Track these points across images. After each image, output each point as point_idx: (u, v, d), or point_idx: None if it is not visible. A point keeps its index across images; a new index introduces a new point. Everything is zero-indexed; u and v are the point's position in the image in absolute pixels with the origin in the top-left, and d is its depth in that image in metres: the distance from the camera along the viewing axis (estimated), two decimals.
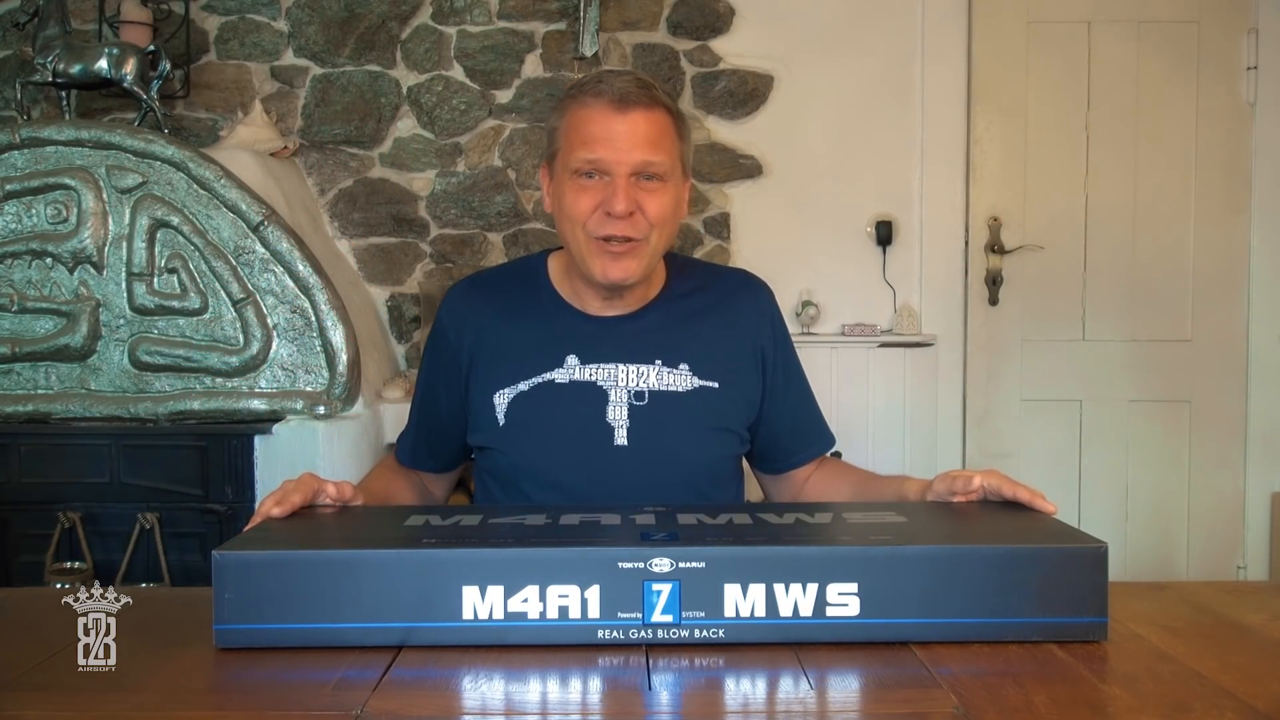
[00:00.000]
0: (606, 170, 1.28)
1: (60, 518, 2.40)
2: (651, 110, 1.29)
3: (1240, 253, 3.10)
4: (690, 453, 1.36)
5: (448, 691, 0.81)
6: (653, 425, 1.34)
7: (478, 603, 0.88)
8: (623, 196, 1.27)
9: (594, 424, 1.33)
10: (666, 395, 1.35)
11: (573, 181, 1.30)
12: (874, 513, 1.06)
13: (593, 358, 1.34)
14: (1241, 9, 3.06)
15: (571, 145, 1.30)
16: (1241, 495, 3.12)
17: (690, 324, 1.39)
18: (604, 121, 1.28)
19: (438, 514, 1.06)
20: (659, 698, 0.80)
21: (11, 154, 2.41)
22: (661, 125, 1.30)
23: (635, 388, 1.34)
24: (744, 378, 1.40)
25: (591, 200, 1.29)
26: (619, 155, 1.27)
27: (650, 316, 1.39)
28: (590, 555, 0.89)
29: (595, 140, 1.28)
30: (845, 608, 0.88)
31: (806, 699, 0.79)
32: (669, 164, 1.31)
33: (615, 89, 1.29)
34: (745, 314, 1.42)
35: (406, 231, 3.05)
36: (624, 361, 1.34)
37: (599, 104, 1.29)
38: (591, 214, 1.29)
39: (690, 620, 0.88)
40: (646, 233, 1.30)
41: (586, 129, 1.29)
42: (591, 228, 1.29)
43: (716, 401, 1.36)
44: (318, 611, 0.88)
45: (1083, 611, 0.89)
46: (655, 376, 1.34)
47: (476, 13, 3.01)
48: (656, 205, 1.29)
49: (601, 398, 1.34)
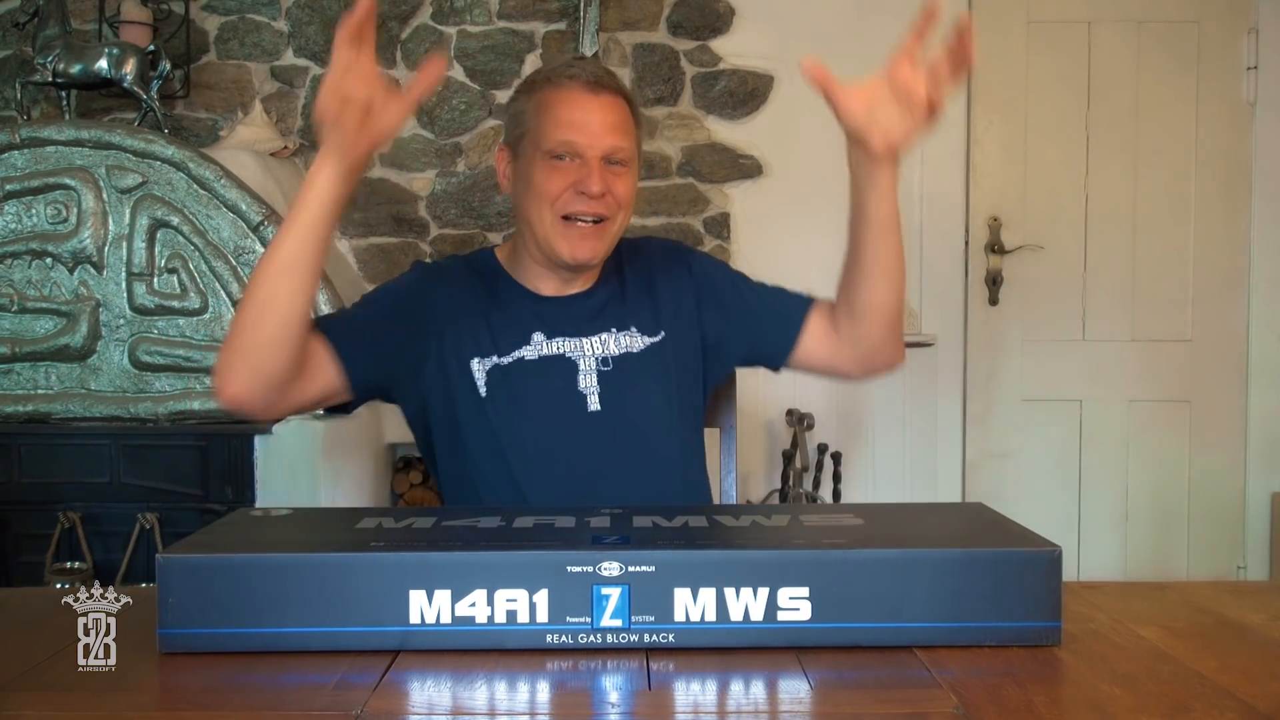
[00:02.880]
0: (579, 152, 1.34)
1: (60, 518, 2.40)
2: (617, 97, 1.37)
3: (1240, 253, 3.10)
4: (654, 407, 1.42)
5: (437, 692, 0.81)
6: (620, 388, 1.40)
7: (425, 607, 0.87)
8: (597, 177, 1.33)
9: (568, 394, 1.39)
10: (627, 357, 1.42)
11: (545, 162, 1.34)
12: (831, 515, 1.06)
13: (556, 333, 1.41)
14: (1241, 9, 3.06)
15: (544, 126, 1.34)
16: (1241, 495, 3.12)
17: (627, 292, 1.46)
18: (578, 104, 1.34)
19: (391, 516, 1.04)
20: (634, 700, 0.80)
21: (11, 154, 2.41)
22: (625, 113, 1.38)
23: (600, 354, 1.41)
24: (684, 321, 1.46)
25: (564, 180, 1.34)
26: (592, 139, 1.33)
27: (600, 292, 1.46)
28: (539, 559, 0.88)
29: (570, 123, 1.33)
30: (796, 612, 0.88)
31: (805, 699, 0.80)
32: (632, 150, 1.39)
33: (588, 73, 1.36)
34: (667, 268, 1.49)
35: (406, 231, 3.05)
36: (584, 335, 1.41)
37: (573, 86, 1.35)
38: (563, 193, 1.34)
39: (640, 625, 0.88)
40: (615, 213, 1.37)
41: (561, 111, 1.34)
42: (562, 206, 1.34)
43: (664, 353, 1.44)
44: (264, 616, 0.87)
45: (1036, 616, 0.89)
46: (614, 342, 1.42)
47: (476, 13, 3.01)
48: (624, 187, 1.37)
49: (571, 368, 1.40)
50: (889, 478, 3.06)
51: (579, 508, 1.08)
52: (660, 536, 0.95)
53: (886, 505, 1.18)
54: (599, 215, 1.35)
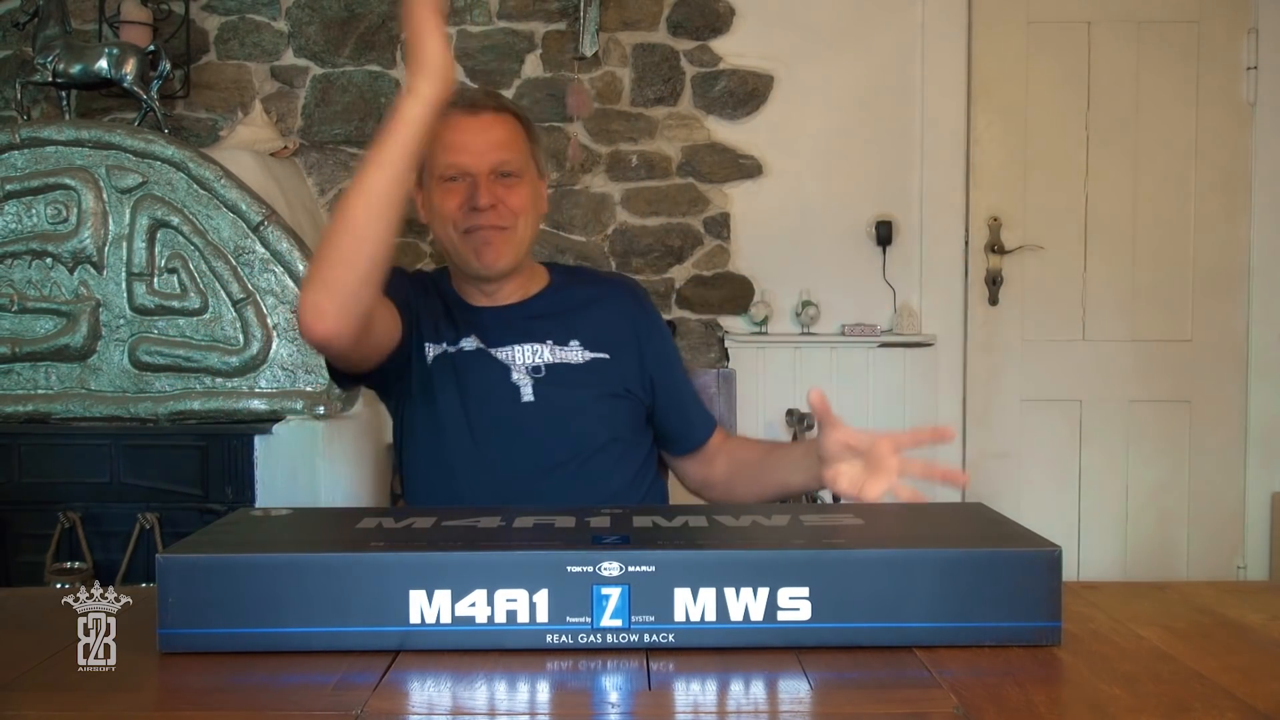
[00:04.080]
0: (468, 172, 1.43)
1: (60, 518, 2.40)
2: (500, 114, 1.46)
3: (1240, 253, 3.10)
4: (591, 403, 1.47)
5: (437, 692, 0.81)
6: (555, 387, 1.46)
7: (425, 607, 0.87)
8: (484, 191, 1.41)
9: (501, 385, 1.46)
10: (563, 366, 1.48)
11: (440, 186, 1.44)
12: (831, 515, 1.06)
13: (492, 342, 1.48)
14: (1241, 9, 3.06)
15: (434, 154, 1.42)
16: (1241, 495, 3.12)
17: (576, 310, 1.53)
18: (460, 127, 1.43)
19: (391, 516, 1.04)
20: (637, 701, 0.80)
21: (11, 154, 2.41)
22: (511, 128, 1.46)
23: (531, 363, 1.47)
24: (628, 353, 1.52)
25: (457, 199, 1.43)
26: (476, 158, 1.42)
27: (537, 305, 1.52)
28: (539, 559, 0.88)
29: (455, 146, 1.42)
30: (796, 612, 0.88)
31: (805, 699, 0.80)
32: (521, 161, 1.46)
33: (466, 99, 1.46)
34: (624, 304, 1.56)
35: (406, 231, 3.05)
36: (518, 343, 1.48)
37: (454, 112, 1.42)
38: (458, 210, 1.43)
39: (640, 625, 0.88)
40: (511, 222, 1.44)
41: (446, 136, 1.41)
42: (460, 222, 1.43)
43: (611, 369, 1.49)
44: (264, 616, 0.87)
45: (1036, 616, 0.89)
46: (549, 352, 1.48)
47: (476, 13, 3.01)
48: (516, 197, 1.44)
49: (504, 369, 1.47)
50: None
51: (578, 508, 1.09)
52: (660, 536, 0.95)
53: (886, 505, 1.18)
54: (494, 225, 1.43)
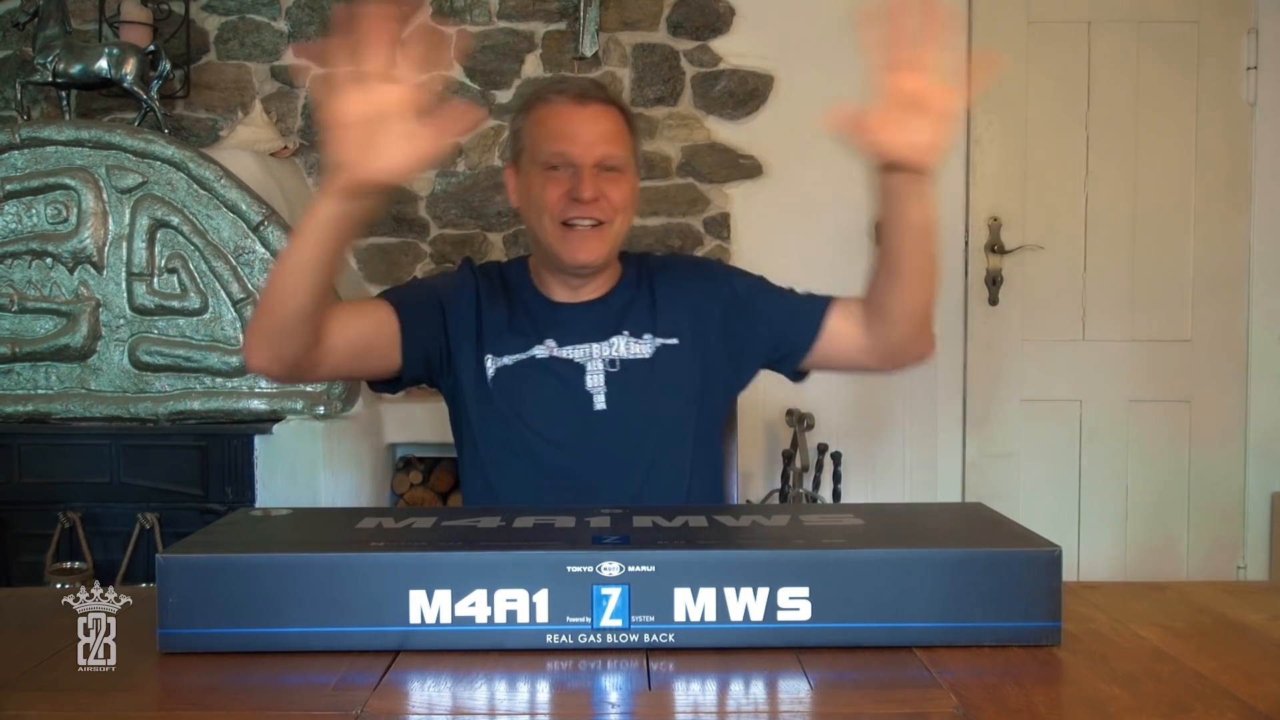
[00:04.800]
0: (572, 162, 1.41)
1: (60, 518, 2.40)
2: (608, 106, 1.45)
3: (1240, 253, 3.10)
4: (662, 410, 1.47)
5: (437, 692, 0.81)
6: (627, 389, 1.45)
7: (425, 607, 0.87)
8: (589, 183, 1.40)
9: (575, 392, 1.45)
10: (634, 362, 1.47)
11: (541, 173, 1.43)
12: (831, 515, 1.06)
13: (567, 340, 1.47)
14: (1241, 9, 3.06)
15: (538, 140, 1.44)
16: (1241, 495, 3.12)
17: (650, 295, 1.51)
18: (568, 116, 1.42)
19: (390, 516, 1.05)
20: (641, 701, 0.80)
21: (11, 154, 2.41)
22: (616, 121, 1.45)
23: (608, 356, 1.46)
24: (707, 329, 1.49)
25: (559, 188, 1.41)
26: (582, 149, 1.41)
27: (615, 300, 1.52)
28: (539, 559, 0.88)
29: (561, 135, 1.42)
30: (796, 612, 0.88)
31: (805, 699, 0.80)
32: (625, 156, 1.45)
33: (576, 86, 1.45)
34: (696, 279, 1.54)
35: (406, 231, 3.05)
36: (595, 340, 1.47)
37: (562, 100, 1.43)
38: (559, 200, 1.41)
39: (640, 625, 0.88)
40: (611, 216, 1.43)
41: (552, 124, 1.43)
42: (559, 213, 1.41)
43: (677, 358, 1.48)
44: (264, 616, 0.87)
45: (1036, 616, 0.89)
46: (624, 346, 1.47)
47: (476, 13, 3.01)
48: (619, 192, 1.43)
49: (579, 371, 1.46)
50: (889, 478, 3.06)
51: (579, 508, 1.09)
52: (660, 536, 0.95)
53: (886, 505, 1.18)
54: (594, 219, 1.42)
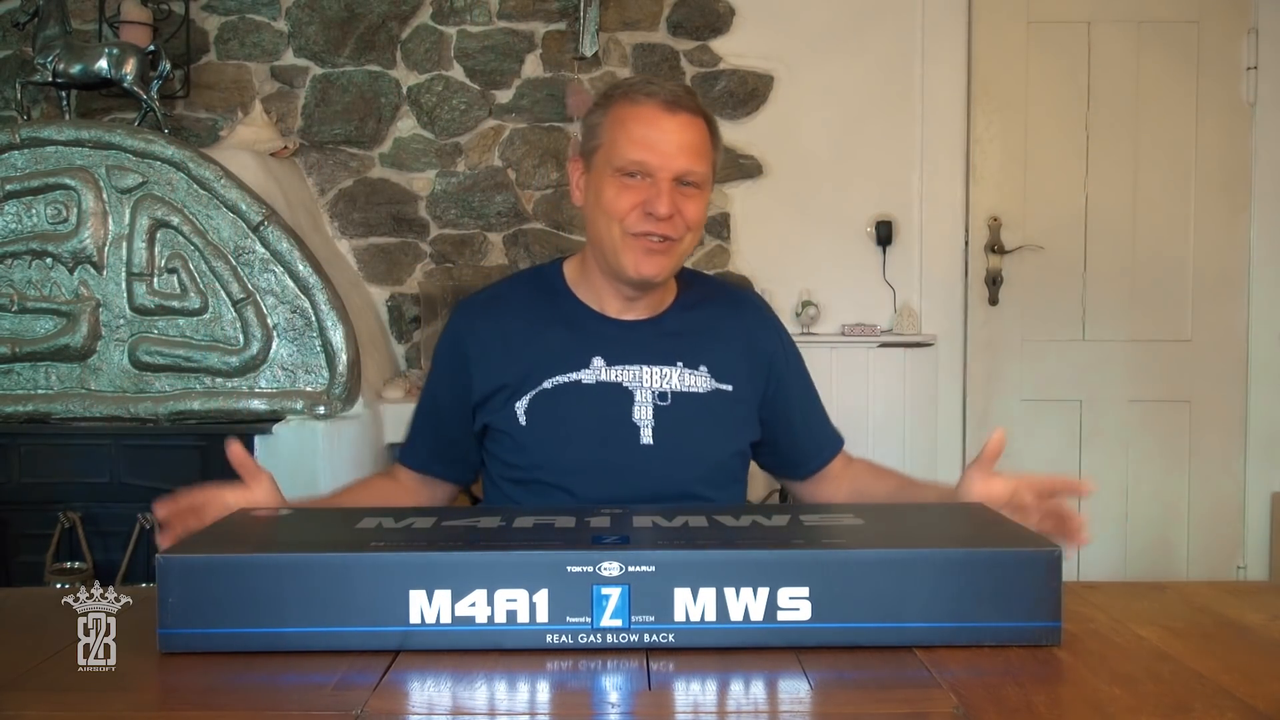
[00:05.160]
0: (650, 173, 1.32)
1: (60, 518, 2.40)
2: (695, 117, 1.34)
3: (1240, 253, 3.10)
4: (710, 450, 1.39)
5: (437, 692, 0.81)
6: (676, 424, 1.37)
7: (425, 607, 0.87)
8: (666, 200, 1.31)
9: (621, 423, 1.36)
10: (687, 396, 1.38)
11: (614, 179, 1.33)
12: (831, 515, 1.05)
13: (618, 360, 1.38)
14: (1241, 9, 3.06)
15: (617, 142, 1.33)
16: (1241, 495, 3.12)
17: (707, 330, 1.44)
18: (653, 122, 1.32)
19: (391, 516, 1.04)
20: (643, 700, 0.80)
21: (11, 154, 2.41)
22: (702, 134, 1.35)
23: (659, 388, 1.38)
24: (752, 383, 1.44)
25: (633, 199, 1.32)
26: (664, 160, 1.31)
27: (669, 321, 1.43)
28: (539, 559, 0.88)
29: (643, 141, 1.31)
30: (796, 612, 0.88)
31: (805, 699, 0.80)
32: (706, 173, 1.36)
33: (666, 91, 1.33)
34: (753, 325, 1.47)
35: (406, 231, 3.05)
36: (648, 363, 1.38)
37: (650, 104, 1.32)
38: (630, 212, 1.32)
39: (640, 625, 0.88)
40: (683, 234, 1.35)
41: (635, 128, 1.32)
42: (628, 225, 1.33)
43: (731, 403, 1.41)
44: (264, 616, 0.87)
45: (1036, 616, 0.89)
46: (678, 378, 1.39)
47: (476, 13, 3.01)
48: (694, 210, 1.34)
49: (628, 398, 1.37)
50: None
51: (579, 508, 1.08)
52: (660, 536, 0.95)
53: (886, 505, 1.18)
54: (665, 236, 1.33)
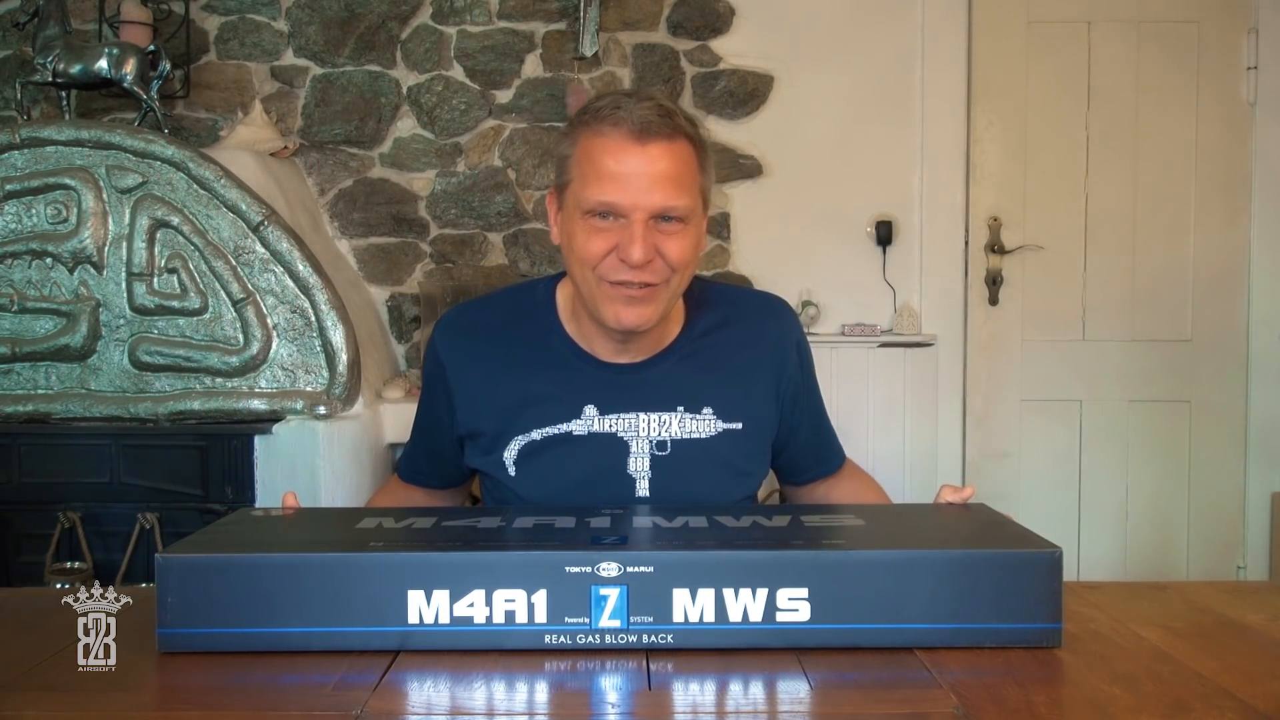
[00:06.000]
0: (623, 213, 1.16)
1: (60, 518, 2.40)
2: (673, 142, 1.17)
3: (1240, 253, 3.10)
4: (712, 498, 1.27)
5: (436, 693, 0.81)
6: (675, 474, 1.27)
7: (423, 607, 0.87)
8: (640, 244, 1.15)
9: (615, 476, 1.26)
10: (689, 442, 1.27)
11: (584, 221, 1.18)
12: (831, 515, 1.05)
13: (612, 408, 1.26)
14: (1241, 9, 3.06)
15: (585, 180, 1.17)
16: (1241, 495, 3.12)
17: (713, 364, 1.31)
18: (621, 155, 1.15)
19: (391, 516, 1.04)
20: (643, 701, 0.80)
21: (11, 154, 2.41)
22: (684, 160, 1.18)
23: (658, 437, 1.26)
24: (765, 412, 1.33)
25: (604, 243, 1.17)
26: (636, 198, 1.15)
27: (670, 362, 1.30)
28: (537, 559, 0.88)
29: (611, 178, 1.15)
30: (796, 613, 0.88)
31: (805, 699, 0.79)
32: (690, 205, 1.19)
33: (635, 117, 1.15)
34: (770, 343, 1.35)
35: (406, 231, 3.05)
36: (645, 410, 1.27)
37: (616, 135, 1.16)
38: (604, 258, 1.18)
39: (638, 625, 0.88)
40: (666, 277, 1.19)
41: (602, 163, 1.16)
42: (604, 272, 1.18)
43: (739, 443, 1.30)
44: (264, 616, 0.87)
45: (1037, 617, 0.89)
46: (678, 424, 1.27)
47: (476, 13, 3.01)
48: (677, 249, 1.18)
49: (623, 449, 1.26)
50: (889, 478, 3.06)
51: (579, 508, 1.09)
52: (659, 537, 0.95)
53: (887, 505, 1.18)
54: (644, 282, 1.18)
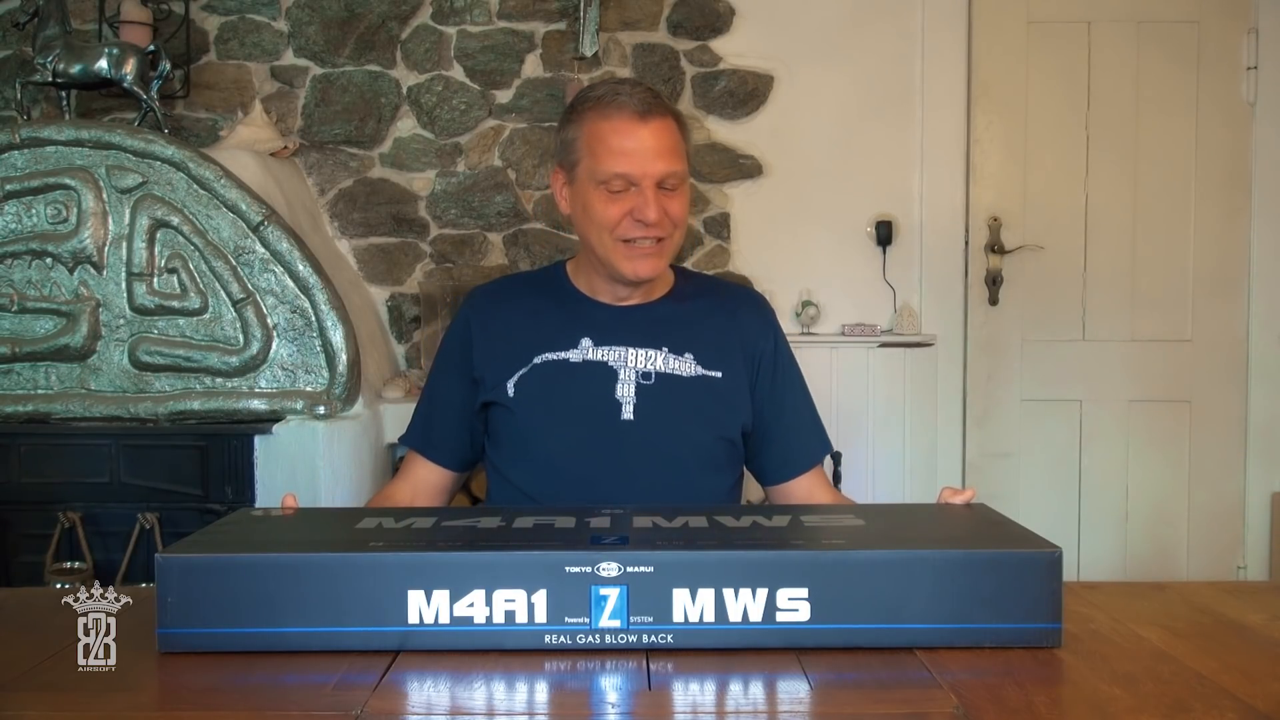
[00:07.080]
0: (634, 182, 1.39)
1: (60, 518, 2.40)
2: (665, 119, 1.41)
3: (1240, 253, 3.10)
4: (692, 431, 1.44)
5: (436, 693, 0.81)
6: (658, 403, 1.43)
7: (423, 607, 0.87)
8: (653, 206, 1.38)
9: (604, 400, 1.43)
10: (672, 378, 1.45)
11: (599, 191, 1.41)
12: (832, 515, 1.05)
13: (605, 340, 1.45)
14: (1241, 9, 3.06)
15: (596, 156, 1.40)
16: (1241, 495, 3.12)
17: (696, 321, 1.50)
18: (629, 133, 1.39)
19: (391, 516, 1.05)
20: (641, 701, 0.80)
21: (11, 154, 2.41)
22: (675, 133, 1.42)
23: (643, 368, 1.44)
24: (740, 370, 1.49)
25: (621, 209, 1.40)
26: (646, 168, 1.38)
27: (660, 309, 1.51)
28: (537, 559, 0.88)
29: (623, 154, 1.38)
30: (795, 613, 0.88)
31: (805, 699, 0.79)
32: (684, 170, 1.43)
33: (636, 99, 1.40)
34: (748, 322, 1.53)
35: (406, 231, 3.05)
36: (634, 345, 1.45)
37: (622, 116, 1.39)
38: (621, 221, 1.40)
39: (638, 625, 0.88)
40: (671, 232, 1.43)
41: (613, 141, 1.39)
42: (621, 232, 1.41)
43: (718, 390, 1.46)
44: (264, 616, 0.87)
45: (1037, 617, 0.89)
46: (662, 360, 1.45)
47: (476, 13, 3.01)
48: (678, 207, 1.43)
49: (611, 375, 1.44)
50: (889, 478, 3.06)
51: (579, 508, 1.08)
52: (659, 537, 0.95)
53: (887, 505, 1.18)
54: (657, 237, 1.41)
